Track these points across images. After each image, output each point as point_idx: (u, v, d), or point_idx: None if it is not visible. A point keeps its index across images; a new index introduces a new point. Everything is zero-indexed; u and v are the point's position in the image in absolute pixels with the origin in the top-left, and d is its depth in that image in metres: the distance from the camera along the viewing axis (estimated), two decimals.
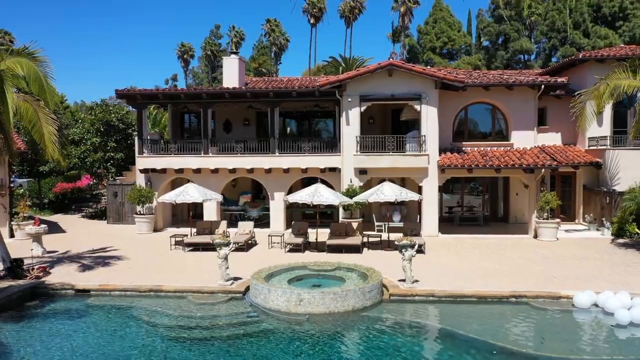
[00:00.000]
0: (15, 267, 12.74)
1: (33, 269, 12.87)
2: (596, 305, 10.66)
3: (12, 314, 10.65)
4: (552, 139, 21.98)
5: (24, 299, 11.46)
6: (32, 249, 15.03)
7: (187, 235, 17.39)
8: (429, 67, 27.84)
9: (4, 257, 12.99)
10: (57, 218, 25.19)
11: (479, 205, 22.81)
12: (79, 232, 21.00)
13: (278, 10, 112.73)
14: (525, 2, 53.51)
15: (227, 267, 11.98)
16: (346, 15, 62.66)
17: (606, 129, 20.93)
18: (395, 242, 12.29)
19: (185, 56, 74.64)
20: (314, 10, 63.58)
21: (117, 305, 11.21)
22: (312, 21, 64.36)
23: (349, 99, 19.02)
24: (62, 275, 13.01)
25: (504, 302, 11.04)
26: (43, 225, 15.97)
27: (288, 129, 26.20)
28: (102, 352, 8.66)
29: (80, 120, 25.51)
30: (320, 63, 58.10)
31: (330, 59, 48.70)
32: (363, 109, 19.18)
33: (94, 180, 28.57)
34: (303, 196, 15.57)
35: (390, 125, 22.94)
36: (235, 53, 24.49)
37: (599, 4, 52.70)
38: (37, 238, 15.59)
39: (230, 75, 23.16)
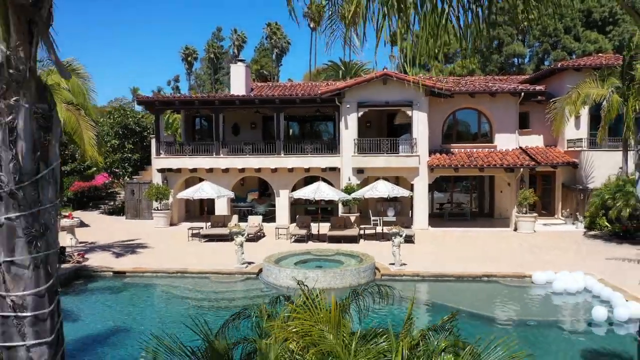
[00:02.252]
0: (60, 253, 14.75)
1: (73, 255, 14.90)
2: (550, 282, 12.73)
3: (64, 290, 12.68)
4: (535, 140, 23.98)
5: (71, 279, 13.47)
6: (70, 238, 17.03)
7: (202, 228, 19.40)
8: (420, 75, 29.87)
9: None
10: (77, 214, 27.08)
11: (467, 202, 24.82)
12: (101, 226, 23.01)
13: (279, 14, 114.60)
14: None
15: (243, 253, 14.01)
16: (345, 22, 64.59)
17: (583, 132, 22.90)
18: (386, 231, 14.32)
19: (189, 58, 76.66)
20: (314, 14, 65.60)
21: (150, 284, 13.24)
22: (312, 25, 66.34)
23: (348, 105, 21.03)
24: (97, 261, 15.05)
25: (477, 281, 13.08)
26: (76, 219, 18.00)
27: (291, 130, 28.20)
28: (145, 316, 10.69)
29: (100, 124, 27.48)
30: (320, 66, 60.10)
31: (330, 63, 50.69)
32: (360, 114, 21.19)
33: (110, 179, 30.64)
34: (307, 192, 17.58)
35: (386, 129, 24.94)
36: (242, 60, 26.48)
37: (589, 9, 54.67)
38: (70, 230, 17.59)
39: (237, 81, 25.17)
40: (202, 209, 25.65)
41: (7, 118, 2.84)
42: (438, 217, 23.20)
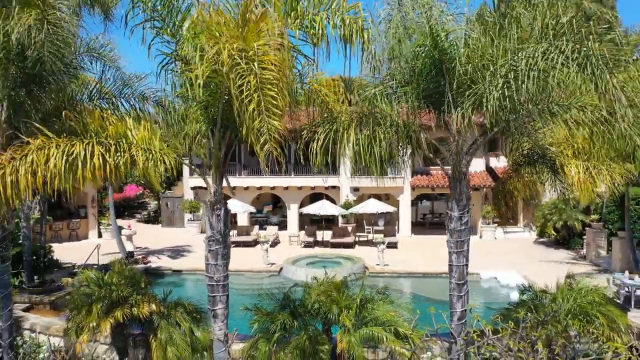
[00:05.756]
0: (129, 257, 19.75)
1: (139, 258, 19.88)
2: (496, 278, 17.70)
3: None
4: (503, 160, 28.92)
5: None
6: (134, 246, 21.99)
7: (230, 236, 24.33)
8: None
9: (121, 250, 20.03)
10: (111, 221, 32.11)
11: (445, 212, 29.76)
12: (143, 233, 27.92)
13: None
14: None
15: (268, 256, 18.99)
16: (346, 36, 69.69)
17: None
18: (373, 240, 19.29)
19: None
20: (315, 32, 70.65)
21: (202, 279, 18.16)
22: (314, 40, 71.30)
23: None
24: (157, 262, 20.02)
25: (439, 277, 17.96)
26: (133, 229, 22.96)
27: (297, 146, 33.14)
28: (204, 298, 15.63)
29: None
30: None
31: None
32: None
33: (141, 191, 35.63)
34: (314, 209, 22.58)
35: None
36: None
37: None
38: (129, 238, 22.52)
39: None
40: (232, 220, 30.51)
41: (216, 211, 7.79)
42: (420, 226, 28.16)
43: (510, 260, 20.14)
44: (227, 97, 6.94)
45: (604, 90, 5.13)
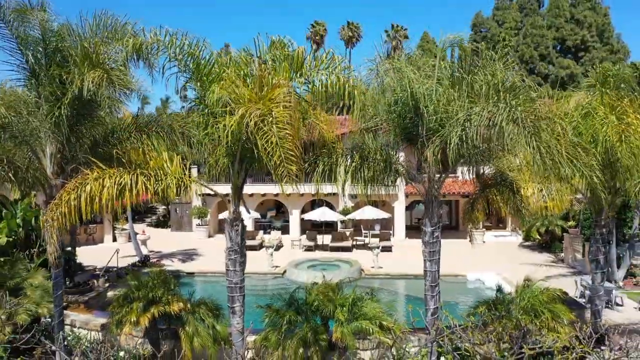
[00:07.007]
0: (146, 260, 21.57)
1: (155, 261, 21.68)
2: (480, 279, 19.49)
3: None
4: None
5: None
6: (148, 250, 23.81)
7: None
8: None
9: (137, 254, 21.85)
10: (128, 227, 33.94)
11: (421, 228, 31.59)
12: (154, 237, 29.74)
13: (284, 32, 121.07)
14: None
15: (272, 259, 20.80)
16: (345, 41, 71.70)
17: None
18: (369, 245, 21.11)
19: None
20: (316, 37, 72.65)
21: (212, 281, 20.01)
22: (314, 47, 73.26)
23: (345, 147, 27.75)
24: (170, 265, 21.81)
25: None
26: (147, 234, 24.79)
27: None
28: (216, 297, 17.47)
29: None
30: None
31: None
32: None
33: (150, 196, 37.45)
34: (317, 215, 24.40)
35: None
36: None
37: (563, 37, 61.35)
38: (143, 242, 24.35)
39: None
40: None
41: (235, 227, 9.60)
42: (415, 230, 29.92)
43: (496, 262, 21.93)
44: (244, 138, 8.76)
45: (528, 146, 6.96)
